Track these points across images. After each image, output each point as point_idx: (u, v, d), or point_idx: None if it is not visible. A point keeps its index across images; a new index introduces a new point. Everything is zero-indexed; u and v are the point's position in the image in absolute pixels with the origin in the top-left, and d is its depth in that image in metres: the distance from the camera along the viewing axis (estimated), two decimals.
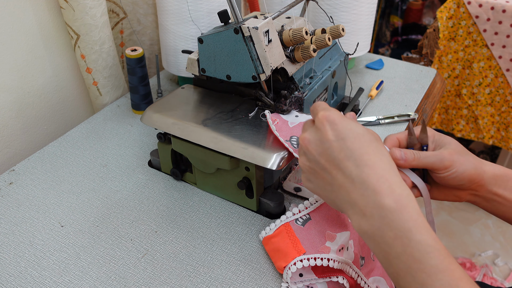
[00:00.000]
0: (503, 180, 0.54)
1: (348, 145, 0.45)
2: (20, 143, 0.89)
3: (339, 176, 0.45)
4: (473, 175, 0.52)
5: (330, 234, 0.58)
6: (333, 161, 0.46)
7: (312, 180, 0.49)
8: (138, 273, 0.59)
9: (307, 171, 0.49)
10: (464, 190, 0.55)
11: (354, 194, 0.44)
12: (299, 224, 0.59)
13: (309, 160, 0.48)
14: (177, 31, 0.88)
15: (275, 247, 0.59)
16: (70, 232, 0.65)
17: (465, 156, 0.53)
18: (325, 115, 0.47)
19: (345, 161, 0.45)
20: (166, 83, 1.03)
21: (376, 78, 1.03)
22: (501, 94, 1.43)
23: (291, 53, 0.67)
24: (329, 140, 0.46)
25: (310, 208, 0.60)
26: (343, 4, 0.91)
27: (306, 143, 0.48)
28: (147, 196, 0.71)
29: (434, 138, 0.56)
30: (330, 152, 0.46)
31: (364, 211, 0.43)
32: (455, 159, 0.52)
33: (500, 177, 0.54)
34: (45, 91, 0.91)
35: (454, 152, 0.52)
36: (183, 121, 0.67)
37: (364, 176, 0.43)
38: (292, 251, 0.56)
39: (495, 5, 1.30)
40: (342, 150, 0.45)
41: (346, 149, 0.45)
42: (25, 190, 0.73)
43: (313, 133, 0.48)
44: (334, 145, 0.46)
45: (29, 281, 0.58)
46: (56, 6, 0.86)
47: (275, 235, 0.60)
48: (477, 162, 0.53)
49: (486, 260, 1.60)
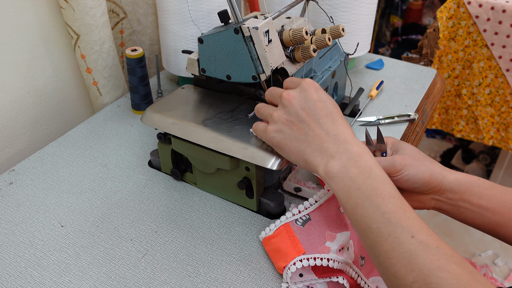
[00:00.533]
0: (467, 186, 0.56)
1: (328, 106, 0.54)
2: (20, 143, 0.89)
3: (317, 128, 0.53)
4: (427, 178, 0.55)
5: (330, 234, 0.58)
6: (314, 116, 0.53)
7: (285, 130, 0.55)
8: (138, 273, 0.59)
9: (282, 123, 0.55)
10: (424, 194, 0.57)
11: (327, 143, 0.52)
12: (298, 224, 0.59)
13: (289, 113, 0.55)
14: (177, 31, 0.88)
15: (275, 247, 0.59)
16: (70, 232, 0.65)
17: (420, 161, 0.56)
18: (311, 81, 0.56)
19: (325, 118, 0.53)
20: (166, 83, 1.03)
21: (376, 78, 1.03)
22: (501, 94, 1.43)
23: (291, 53, 0.67)
24: (314, 99, 0.54)
25: (309, 208, 0.60)
26: (343, 4, 0.91)
27: (291, 98, 0.55)
28: (147, 196, 0.71)
29: (392, 145, 0.61)
30: (313, 108, 0.53)
31: (334, 154, 0.51)
32: (407, 163, 0.56)
33: (463, 183, 0.56)
34: (45, 91, 0.91)
35: (406, 157, 0.56)
36: (183, 121, 0.67)
37: (338, 131, 0.52)
38: (292, 251, 0.57)
39: (495, 5, 1.30)
40: (323, 109, 0.53)
41: (327, 109, 0.54)
42: (25, 190, 0.73)
43: (298, 91, 0.55)
44: (318, 104, 0.54)
45: (29, 281, 0.58)
46: (56, 6, 0.86)
47: (275, 235, 0.60)
48: (434, 167, 0.56)
49: (486, 260, 1.60)
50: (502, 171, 1.77)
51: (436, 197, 0.58)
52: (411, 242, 0.43)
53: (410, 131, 0.87)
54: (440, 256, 0.42)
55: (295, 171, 0.73)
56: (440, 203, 0.58)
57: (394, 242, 0.43)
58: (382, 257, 0.44)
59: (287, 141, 0.55)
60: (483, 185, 0.57)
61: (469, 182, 0.56)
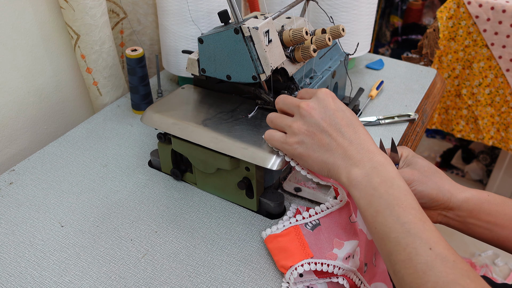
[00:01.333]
0: (477, 203, 0.56)
1: (347, 115, 0.54)
2: (20, 143, 0.89)
3: (339, 137, 0.53)
4: (434, 195, 0.56)
5: (338, 242, 0.58)
6: (335, 125, 0.53)
7: (307, 141, 0.54)
8: (138, 273, 0.59)
9: (303, 134, 0.55)
10: (432, 210, 0.58)
11: (351, 151, 0.52)
12: (308, 228, 0.59)
13: (309, 124, 0.54)
14: (177, 31, 0.88)
15: (281, 246, 0.59)
16: (70, 232, 0.65)
17: (429, 177, 0.57)
18: (328, 91, 0.56)
19: (346, 127, 0.53)
20: (166, 83, 1.03)
21: (376, 78, 1.03)
22: (501, 94, 1.43)
23: (291, 53, 0.67)
24: (332, 108, 0.54)
25: (320, 214, 0.60)
26: (343, 4, 0.91)
27: (310, 108, 0.54)
28: (147, 196, 0.71)
29: (407, 158, 0.61)
30: (333, 118, 0.53)
31: (357, 162, 0.51)
32: (416, 178, 0.57)
33: (472, 200, 0.57)
34: (45, 91, 0.91)
35: (416, 172, 0.57)
36: (183, 121, 0.67)
37: (361, 140, 0.52)
38: (300, 253, 0.57)
39: (495, 5, 1.30)
40: (343, 118, 0.54)
41: (347, 118, 0.54)
42: (25, 190, 0.73)
43: (316, 101, 0.55)
44: (337, 114, 0.54)
45: (29, 281, 0.58)
46: (56, 6, 0.86)
47: (283, 234, 0.60)
48: (443, 185, 0.57)
49: (486, 260, 1.60)
50: (502, 171, 1.77)
51: (443, 213, 0.58)
52: (429, 254, 0.43)
53: (410, 131, 0.87)
54: (456, 270, 0.42)
55: (295, 171, 0.73)
56: (447, 219, 0.58)
57: (411, 252, 0.44)
58: (398, 266, 0.45)
59: (310, 152, 0.54)
60: (493, 201, 0.57)
61: (478, 200, 0.57)
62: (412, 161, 0.60)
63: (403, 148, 0.62)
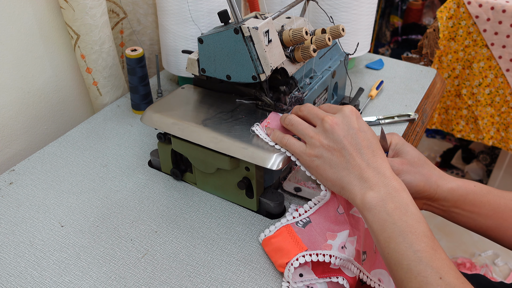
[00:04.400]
0: (461, 194, 0.57)
1: (368, 137, 0.54)
2: (20, 143, 0.89)
3: (358, 158, 0.53)
4: (421, 187, 0.57)
5: (331, 234, 0.58)
6: (356, 145, 0.54)
7: (325, 156, 0.55)
8: (138, 273, 0.59)
9: (323, 148, 0.55)
10: (417, 199, 0.59)
11: (368, 173, 0.52)
12: (299, 226, 0.60)
13: (330, 139, 0.55)
14: (177, 31, 0.88)
15: (276, 246, 0.59)
16: (70, 232, 0.65)
17: (417, 168, 0.58)
18: (353, 109, 0.56)
19: (366, 148, 0.53)
20: (166, 83, 1.03)
21: (376, 78, 1.03)
22: (501, 94, 1.43)
23: (291, 53, 0.67)
24: (355, 128, 0.54)
25: (309, 211, 0.61)
26: (343, 4, 0.91)
27: (334, 123, 0.55)
28: (147, 196, 0.71)
29: (396, 146, 0.61)
30: (355, 138, 0.54)
31: (373, 186, 0.51)
32: (404, 168, 0.57)
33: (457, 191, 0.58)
34: (45, 91, 0.91)
35: (406, 162, 0.58)
36: (183, 121, 0.67)
37: (378, 164, 0.53)
38: (294, 248, 0.57)
39: (495, 5, 1.30)
40: (365, 139, 0.54)
41: (367, 140, 0.54)
42: (25, 190, 0.73)
43: (341, 118, 0.56)
44: (359, 134, 0.54)
45: (29, 281, 0.58)
46: (56, 6, 0.86)
47: (276, 235, 0.60)
48: (430, 175, 0.58)
49: (486, 260, 1.60)
50: (502, 171, 1.77)
51: (428, 203, 0.59)
52: (439, 283, 0.44)
53: (410, 131, 0.87)
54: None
55: (295, 171, 0.73)
56: (432, 207, 0.60)
57: (422, 281, 0.45)
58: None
59: (326, 167, 0.55)
60: (479, 192, 0.58)
61: (464, 191, 0.58)
62: (402, 150, 0.60)
63: (393, 135, 0.62)
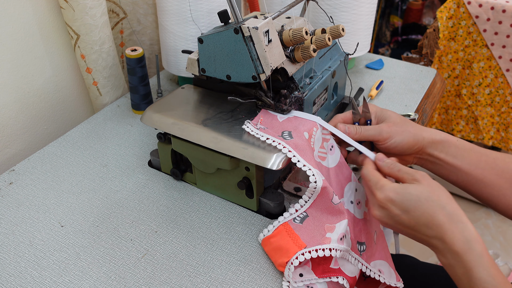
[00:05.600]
0: (444, 146, 0.61)
1: (412, 216, 0.53)
2: (20, 143, 0.89)
3: (417, 234, 0.53)
4: (412, 142, 0.60)
5: (329, 226, 0.58)
6: (407, 226, 0.53)
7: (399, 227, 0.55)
8: (138, 273, 0.59)
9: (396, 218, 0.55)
10: (408, 154, 0.62)
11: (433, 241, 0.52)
12: (297, 222, 0.60)
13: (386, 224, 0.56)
14: (177, 31, 0.88)
15: (275, 246, 0.59)
16: (70, 232, 0.65)
17: (403, 127, 0.61)
18: (382, 199, 0.54)
19: (417, 226, 0.53)
20: (166, 83, 1.03)
21: (376, 78, 1.03)
22: (501, 94, 1.43)
23: (291, 53, 0.67)
24: (397, 214, 0.54)
25: (305, 205, 0.61)
26: (343, 4, 0.91)
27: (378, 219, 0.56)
28: (147, 196, 0.71)
29: (376, 113, 0.64)
30: (401, 222, 0.54)
31: (441, 253, 0.52)
32: (393, 130, 0.60)
33: (440, 143, 0.61)
34: (45, 91, 0.91)
35: (392, 124, 0.61)
36: (183, 121, 0.67)
37: (438, 234, 0.52)
38: (293, 247, 0.57)
39: (495, 5, 1.30)
40: (410, 219, 0.53)
41: (412, 218, 0.53)
42: (25, 190, 0.73)
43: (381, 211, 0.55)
44: (403, 218, 0.53)
45: (29, 281, 0.58)
46: (56, 6, 0.86)
47: (274, 235, 0.60)
48: (415, 130, 0.61)
49: None
50: None
51: (418, 156, 0.63)
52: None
53: None
54: None
55: (295, 171, 0.73)
56: (422, 160, 0.63)
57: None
58: None
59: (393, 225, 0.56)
60: (461, 146, 0.61)
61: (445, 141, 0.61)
62: (384, 115, 0.63)
63: (370, 105, 0.65)
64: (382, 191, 0.55)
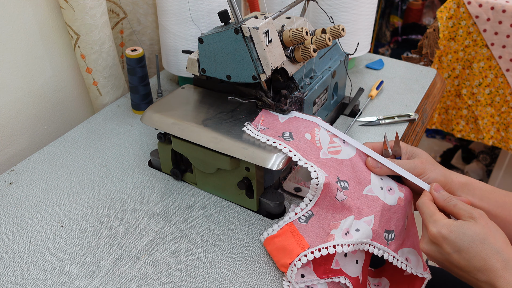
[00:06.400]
0: (470, 188, 0.60)
1: (464, 256, 0.51)
2: (20, 143, 0.89)
3: (466, 275, 0.52)
4: (443, 181, 0.59)
5: (335, 223, 0.58)
6: (457, 266, 0.52)
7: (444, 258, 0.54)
8: (138, 273, 0.59)
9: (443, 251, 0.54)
10: None
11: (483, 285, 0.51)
12: (302, 222, 0.59)
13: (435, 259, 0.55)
14: (177, 31, 0.88)
15: (278, 246, 0.59)
16: (70, 232, 0.65)
17: (435, 165, 0.61)
18: (435, 235, 0.53)
19: (468, 268, 0.51)
20: (166, 83, 1.03)
21: (376, 78, 1.03)
22: (501, 94, 1.43)
23: (291, 53, 0.67)
24: (448, 253, 0.52)
25: (310, 204, 0.60)
26: (343, 4, 0.91)
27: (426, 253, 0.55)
28: (147, 196, 0.71)
29: (406, 150, 0.64)
30: (452, 261, 0.52)
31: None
32: (426, 167, 0.60)
33: (466, 185, 0.60)
34: (45, 91, 0.91)
35: (425, 161, 0.61)
36: (183, 121, 0.67)
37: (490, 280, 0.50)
38: (296, 248, 0.57)
39: (495, 5, 1.30)
40: (461, 260, 0.51)
41: (463, 259, 0.51)
42: (25, 190, 0.73)
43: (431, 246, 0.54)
44: (454, 257, 0.52)
45: (29, 281, 0.58)
46: (56, 6, 0.86)
47: (279, 235, 0.60)
48: (445, 171, 0.61)
49: None
50: (502, 171, 1.77)
51: None
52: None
53: (410, 131, 0.87)
54: None
55: (295, 171, 0.73)
56: None
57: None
58: None
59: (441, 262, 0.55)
60: (484, 188, 0.60)
61: (471, 186, 0.60)
62: (414, 152, 0.63)
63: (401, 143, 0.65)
64: (435, 225, 0.53)
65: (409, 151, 0.64)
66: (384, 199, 0.60)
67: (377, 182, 0.61)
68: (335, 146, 0.63)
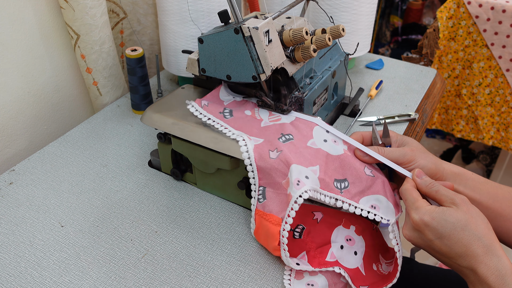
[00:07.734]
0: (462, 179, 0.59)
1: (446, 243, 0.51)
2: (20, 143, 0.89)
3: (448, 261, 0.53)
4: (433, 170, 0.59)
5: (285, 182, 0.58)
6: (439, 252, 0.52)
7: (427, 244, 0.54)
8: (138, 273, 0.59)
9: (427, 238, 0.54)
10: None
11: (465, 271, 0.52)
12: (262, 201, 0.60)
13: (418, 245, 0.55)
14: (177, 31, 0.88)
15: (262, 235, 0.60)
16: (70, 232, 0.65)
17: (425, 154, 0.60)
18: (417, 222, 0.53)
19: (450, 254, 0.51)
20: (166, 83, 1.03)
21: (376, 78, 1.03)
22: (501, 94, 1.43)
23: (291, 53, 0.67)
24: (430, 239, 0.52)
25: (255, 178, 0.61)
26: (343, 4, 0.91)
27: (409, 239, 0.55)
28: (147, 196, 0.71)
29: (396, 138, 0.63)
30: (434, 247, 0.53)
31: (472, 283, 0.51)
32: (416, 154, 0.59)
33: (459, 175, 0.60)
34: (45, 91, 0.91)
35: (415, 149, 0.60)
36: (183, 121, 0.67)
37: (471, 265, 0.50)
38: (273, 228, 0.57)
39: (495, 5, 1.30)
40: (443, 246, 0.52)
41: (445, 246, 0.51)
42: (25, 190, 0.73)
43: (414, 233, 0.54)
44: (436, 243, 0.52)
45: (29, 281, 0.58)
46: (56, 6, 0.86)
47: (257, 226, 0.61)
48: (436, 160, 0.60)
49: None
50: (502, 171, 1.77)
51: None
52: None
53: (410, 131, 0.87)
54: None
55: None
56: None
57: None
58: None
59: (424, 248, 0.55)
60: (476, 179, 0.60)
61: (464, 176, 0.60)
62: (404, 140, 0.63)
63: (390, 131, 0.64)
64: (417, 212, 0.53)
65: (399, 139, 0.63)
66: (329, 150, 0.60)
67: (320, 136, 0.62)
68: (275, 116, 0.66)
